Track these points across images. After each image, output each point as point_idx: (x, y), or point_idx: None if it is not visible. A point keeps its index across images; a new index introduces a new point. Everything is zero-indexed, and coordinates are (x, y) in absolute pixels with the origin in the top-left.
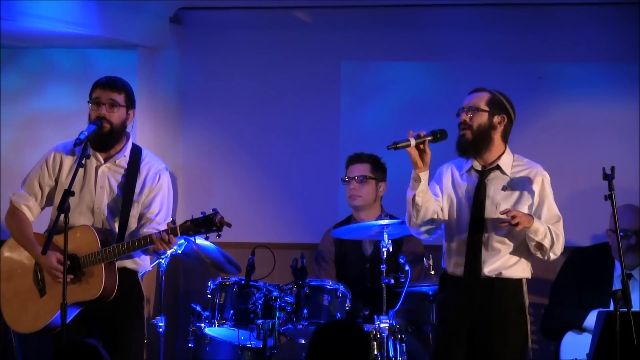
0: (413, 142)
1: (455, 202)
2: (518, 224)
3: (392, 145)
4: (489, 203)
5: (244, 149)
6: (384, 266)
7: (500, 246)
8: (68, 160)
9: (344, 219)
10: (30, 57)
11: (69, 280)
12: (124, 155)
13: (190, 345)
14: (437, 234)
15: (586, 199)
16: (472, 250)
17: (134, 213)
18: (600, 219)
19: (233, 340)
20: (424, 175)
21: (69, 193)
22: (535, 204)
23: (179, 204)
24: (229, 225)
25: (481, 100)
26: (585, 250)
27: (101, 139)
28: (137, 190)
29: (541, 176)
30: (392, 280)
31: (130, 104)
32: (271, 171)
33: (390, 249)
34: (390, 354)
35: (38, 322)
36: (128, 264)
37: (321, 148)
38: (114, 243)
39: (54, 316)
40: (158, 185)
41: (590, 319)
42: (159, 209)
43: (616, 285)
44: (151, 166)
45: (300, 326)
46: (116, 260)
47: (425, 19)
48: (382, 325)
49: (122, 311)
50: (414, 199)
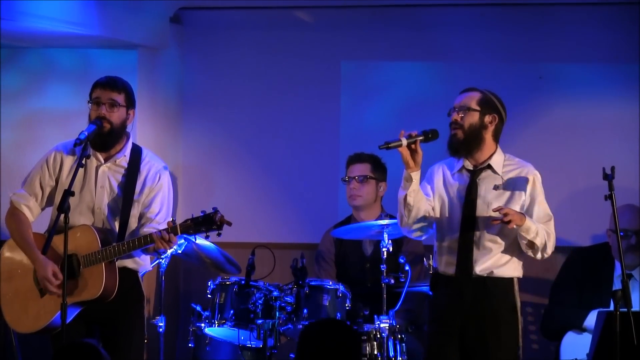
0: (405, 142)
1: (446, 202)
2: (510, 222)
3: (384, 145)
4: (480, 202)
5: (244, 148)
6: (384, 266)
7: (492, 245)
8: (68, 160)
9: (344, 219)
10: (30, 57)
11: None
12: (124, 155)
13: (190, 345)
14: (429, 233)
15: (586, 199)
16: (464, 250)
17: (134, 213)
18: (600, 219)
19: (233, 340)
20: (415, 175)
21: (69, 193)
22: (526, 203)
23: (179, 204)
24: (229, 223)
25: (472, 100)
26: (585, 250)
27: (101, 138)
28: (138, 190)
29: (532, 175)
30: (392, 280)
31: (130, 103)
32: (271, 171)
33: (390, 249)
34: (390, 354)
35: (38, 322)
36: (128, 263)
37: (321, 148)
38: (114, 243)
39: (55, 316)
40: (158, 185)
41: (590, 319)
42: (159, 209)
43: (616, 285)
44: (151, 166)
45: (300, 326)
46: (116, 260)
47: (425, 19)
48: (382, 325)
49: (123, 311)
50: (406, 198)
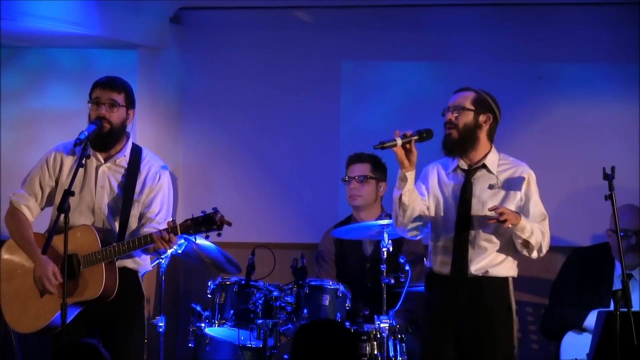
0: (399, 142)
1: (441, 201)
2: (506, 221)
3: (379, 145)
4: (475, 202)
5: (244, 148)
6: (384, 266)
7: (487, 244)
8: (68, 160)
9: (344, 219)
10: (30, 57)
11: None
12: (124, 155)
13: (190, 345)
14: (424, 233)
15: (586, 199)
16: (459, 249)
17: (134, 213)
18: (600, 219)
19: (233, 340)
20: (410, 174)
21: (69, 193)
22: (521, 202)
23: (179, 204)
24: (230, 224)
25: (466, 100)
26: (586, 250)
27: (101, 139)
28: (138, 190)
29: (527, 174)
30: (392, 280)
31: (130, 103)
32: (271, 171)
33: (391, 249)
34: (390, 354)
35: (38, 322)
36: (128, 263)
37: (321, 148)
38: (115, 243)
39: (54, 316)
40: (158, 184)
41: (591, 319)
42: (159, 209)
43: (616, 285)
44: (151, 166)
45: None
46: (116, 260)
47: (425, 19)
48: (382, 325)
49: (123, 311)
50: (401, 198)
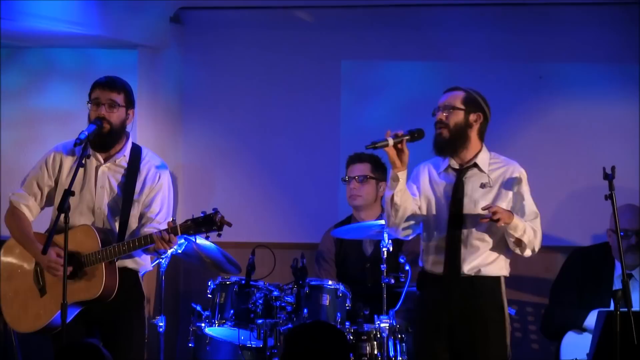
0: (391, 142)
1: (433, 201)
2: (499, 220)
3: (371, 145)
4: (467, 201)
5: (244, 148)
6: (384, 266)
7: (480, 243)
8: (68, 160)
9: (344, 218)
10: (31, 57)
11: (69, 278)
12: (124, 155)
13: (190, 345)
14: (416, 232)
15: (586, 199)
16: (452, 248)
17: (135, 213)
18: (601, 219)
19: (233, 340)
20: (402, 174)
21: (69, 193)
22: (513, 200)
23: (179, 204)
24: (230, 224)
25: (457, 99)
26: (586, 250)
27: (101, 139)
28: (138, 190)
29: (518, 173)
30: (392, 280)
31: (129, 103)
32: (271, 171)
33: (391, 249)
34: (391, 354)
35: (38, 322)
36: (129, 263)
37: (321, 148)
38: (115, 243)
39: (54, 316)
40: (158, 184)
41: (591, 319)
42: (159, 209)
43: (616, 285)
44: (151, 165)
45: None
46: (117, 260)
47: (425, 19)
48: (382, 325)
49: (123, 311)
50: (393, 198)
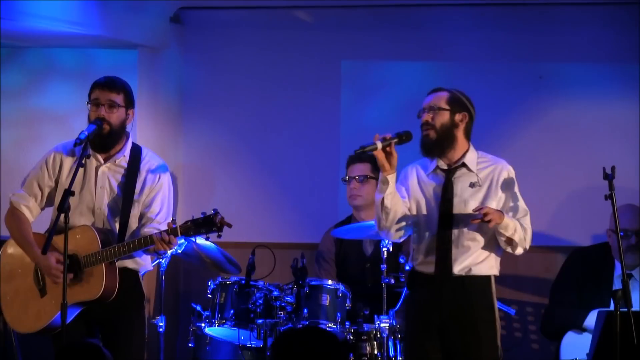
0: (380, 145)
1: (422, 202)
2: (490, 221)
3: (360, 150)
4: (457, 201)
5: (244, 148)
6: (384, 266)
7: (470, 243)
8: (68, 160)
9: (344, 218)
10: (31, 56)
11: (70, 280)
12: (124, 155)
13: (190, 345)
14: (408, 234)
15: (586, 199)
16: (443, 249)
17: (135, 213)
18: (600, 219)
19: (233, 340)
20: (391, 177)
21: (69, 193)
22: (502, 198)
23: (179, 204)
24: (230, 225)
25: (441, 100)
26: (586, 250)
27: (101, 140)
28: (138, 190)
29: (507, 171)
30: (392, 280)
31: (129, 103)
32: (271, 171)
33: (391, 249)
34: (391, 353)
35: (39, 322)
36: (129, 263)
37: (321, 148)
38: (115, 243)
39: (55, 316)
40: (158, 184)
41: (591, 319)
42: (159, 209)
43: (616, 285)
44: (151, 165)
45: (301, 326)
46: (117, 261)
47: (425, 19)
48: (382, 325)
49: (123, 311)
50: (383, 201)
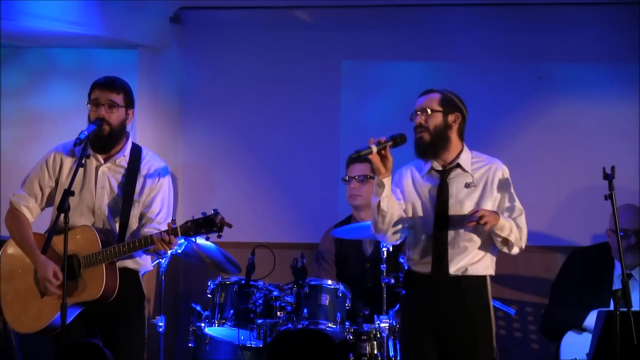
0: (375, 149)
1: (418, 204)
2: (486, 223)
3: (355, 154)
4: (452, 201)
5: (244, 148)
6: (384, 266)
7: (467, 244)
8: (68, 160)
9: (344, 218)
10: (31, 56)
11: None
12: (124, 155)
13: (190, 345)
14: (404, 236)
15: (586, 199)
16: (439, 250)
17: (135, 213)
18: (600, 219)
19: (233, 340)
20: (387, 180)
21: (68, 193)
22: (498, 198)
23: (179, 204)
24: (230, 225)
25: (433, 101)
26: (585, 250)
27: (101, 140)
28: (138, 190)
29: (501, 170)
30: (392, 280)
31: (129, 103)
32: (271, 171)
33: (391, 249)
34: (391, 353)
35: (39, 322)
36: (129, 263)
37: (321, 148)
38: (115, 243)
39: (55, 316)
40: (158, 184)
41: (590, 319)
42: (159, 209)
43: (616, 285)
44: (151, 165)
45: (300, 326)
46: (117, 261)
47: (425, 19)
48: (382, 325)
49: (123, 311)
50: (379, 205)
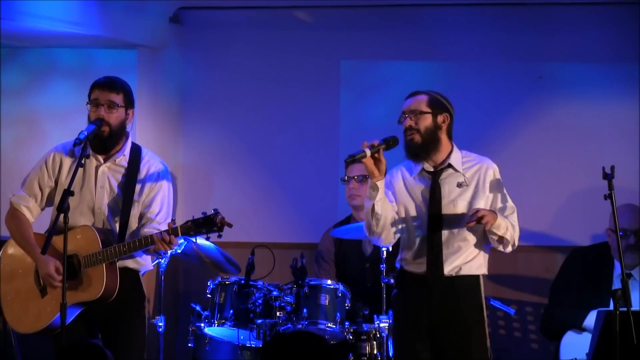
0: (368, 153)
1: (411, 205)
2: (487, 222)
3: (349, 159)
4: (445, 202)
5: (244, 148)
6: (383, 266)
7: (461, 244)
8: (68, 160)
9: (343, 218)
10: (31, 56)
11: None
12: (124, 155)
13: (190, 345)
14: (397, 238)
15: (586, 199)
16: (433, 250)
17: (135, 213)
18: (600, 219)
19: (233, 340)
20: (381, 183)
21: (68, 193)
22: (491, 197)
23: (179, 203)
24: (230, 225)
25: (421, 103)
26: (585, 250)
27: (100, 141)
28: (138, 190)
29: (492, 169)
30: (392, 280)
31: (129, 103)
32: (271, 171)
33: (390, 249)
34: (390, 353)
35: (39, 323)
36: (129, 263)
37: (321, 148)
38: (115, 243)
39: (55, 316)
40: (158, 184)
41: (590, 319)
42: (159, 209)
43: (616, 284)
44: (151, 165)
45: (300, 326)
46: (117, 261)
47: (425, 19)
48: (382, 324)
49: (123, 311)
50: (374, 208)
